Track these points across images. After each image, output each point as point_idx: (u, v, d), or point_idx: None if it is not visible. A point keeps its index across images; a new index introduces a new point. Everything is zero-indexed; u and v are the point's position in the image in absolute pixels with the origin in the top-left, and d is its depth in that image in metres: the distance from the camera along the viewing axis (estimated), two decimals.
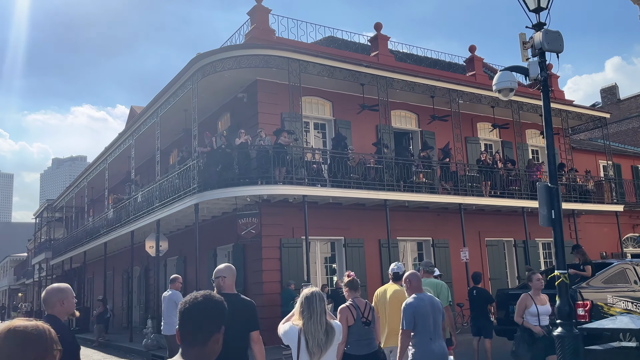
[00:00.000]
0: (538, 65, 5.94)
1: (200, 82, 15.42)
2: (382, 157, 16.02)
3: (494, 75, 21.68)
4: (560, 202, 6.14)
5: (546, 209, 6.05)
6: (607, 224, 23.35)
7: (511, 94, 6.54)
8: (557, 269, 6.09)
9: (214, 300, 2.13)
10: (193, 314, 2.07)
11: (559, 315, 5.89)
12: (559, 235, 6.10)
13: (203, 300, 2.10)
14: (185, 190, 15.30)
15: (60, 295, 3.84)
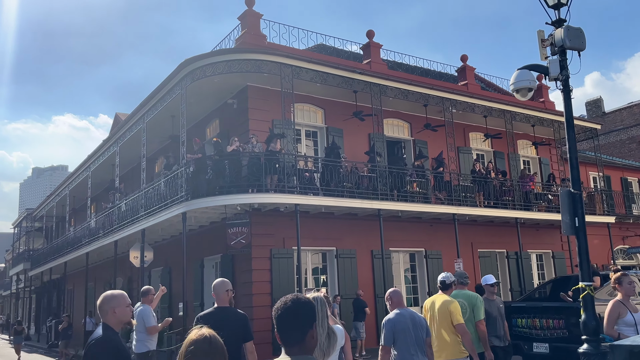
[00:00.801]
0: (559, 63, 5.62)
1: (188, 87, 14.96)
2: (376, 165, 15.65)
3: (486, 86, 21.59)
4: (584, 208, 5.77)
5: (569, 217, 5.69)
6: (597, 236, 23.18)
7: (529, 94, 6.21)
8: (582, 281, 5.72)
9: (302, 302, 2.35)
10: (287, 318, 2.31)
11: (585, 331, 5.51)
12: (583, 244, 5.74)
13: (292, 305, 2.33)
14: (172, 199, 14.76)
15: (112, 302, 3.71)
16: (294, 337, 2.30)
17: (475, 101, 18.38)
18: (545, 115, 20.51)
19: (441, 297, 6.33)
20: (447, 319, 5.95)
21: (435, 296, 6.48)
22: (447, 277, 6.50)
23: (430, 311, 6.32)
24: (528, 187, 19.15)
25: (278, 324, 2.33)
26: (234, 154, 13.80)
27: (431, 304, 6.39)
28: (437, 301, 6.30)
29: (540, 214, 19.36)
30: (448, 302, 6.12)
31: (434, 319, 6.21)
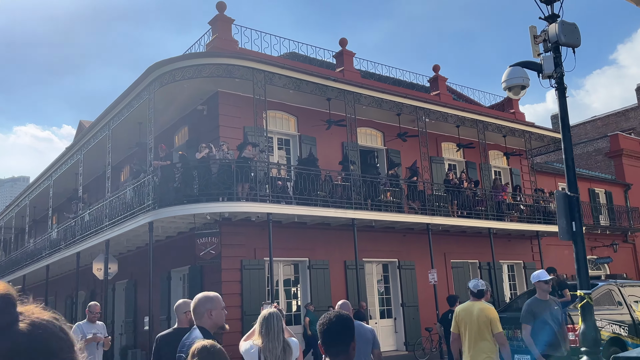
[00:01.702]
0: (553, 60, 5.40)
1: (157, 93, 14.43)
2: (350, 174, 15.36)
3: (457, 97, 21.60)
4: (582, 212, 5.54)
5: (565, 221, 5.44)
6: (567, 246, 23.32)
7: (522, 93, 5.96)
8: (581, 289, 5.46)
9: (344, 317, 2.60)
10: (333, 332, 2.54)
11: (584, 342, 5.23)
12: (580, 250, 5.50)
13: (336, 320, 2.57)
14: (139, 208, 14.15)
15: (208, 304, 3.63)
16: (340, 349, 2.56)
17: (448, 110, 18.33)
18: (517, 126, 20.63)
19: (478, 304, 6.08)
20: (487, 327, 5.80)
21: (468, 304, 6.21)
22: (478, 285, 6.22)
23: (464, 320, 6.07)
24: (500, 197, 19.14)
25: (324, 337, 2.60)
26: (203, 160, 13.31)
27: (466, 312, 6.12)
28: (473, 309, 6.05)
29: (513, 224, 19.37)
30: (487, 309, 5.95)
31: (470, 327, 5.97)
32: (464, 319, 6.05)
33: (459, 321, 6.10)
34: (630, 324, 9.11)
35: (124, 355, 17.71)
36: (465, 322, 6.02)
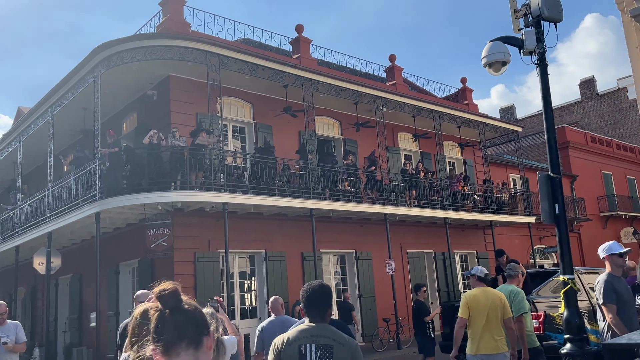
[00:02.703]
0: (535, 35, 5.18)
1: (103, 76, 13.60)
2: (308, 163, 14.98)
3: (412, 88, 21.52)
4: (563, 194, 5.35)
5: (547, 203, 5.24)
6: (517, 236, 23.87)
7: (503, 69, 5.73)
8: (564, 274, 5.28)
9: (324, 286, 3.13)
10: (314, 297, 3.07)
11: (567, 329, 5.05)
12: (564, 233, 5.34)
13: (319, 287, 3.11)
14: (84, 198, 13.31)
15: None
16: (319, 314, 3.00)
17: (405, 100, 18.21)
18: (472, 117, 20.77)
19: (489, 290, 6.05)
20: (497, 312, 5.80)
21: (477, 289, 6.13)
22: (481, 271, 6.24)
23: (476, 305, 6.00)
24: (456, 188, 19.23)
25: (307, 302, 3.04)
26: (153, 147, 12.62)
27: (476, 297, 6.05)
28: (485, 295, 6.00)
29: (469, 214, 19.51)
30: (499, 295, 5.95)
31: (482, 312, 5.90)
32: (474, 304, 5.99)
33: (469, 306, 6.02)
34: (590, 310, 9.13)
35: (68, 354, 16.79)
36: (475, 307, 5.97)
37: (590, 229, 28.26)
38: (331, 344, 2.94)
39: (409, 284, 18.96)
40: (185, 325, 1.61)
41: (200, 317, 1.66)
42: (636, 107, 41.00)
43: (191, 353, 1.59)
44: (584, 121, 41.27)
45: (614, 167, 32.00)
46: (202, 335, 1.63)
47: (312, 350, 2.92)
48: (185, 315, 1.62)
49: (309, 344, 2.95)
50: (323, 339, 2.95)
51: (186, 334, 1.60)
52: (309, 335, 2.97)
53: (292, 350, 2.95)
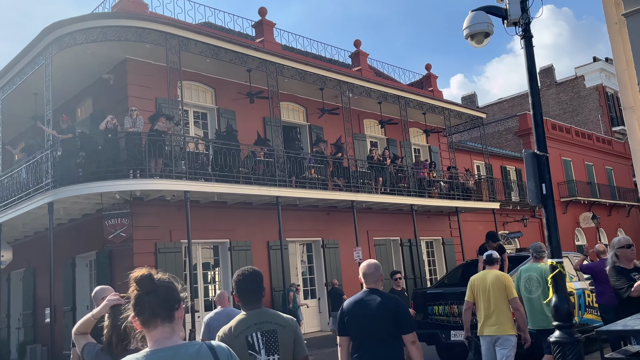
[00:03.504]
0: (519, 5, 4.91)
1: (55, 58, 12.80)
2: (273, 150, 14.55)
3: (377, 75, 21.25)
4: (550, 174, 5.12)
5: (534, 184, 5.00)
6: (482, 222, 24.02)
7: (486, 41, 5.44)
8: (552, 257, 5.06)
9: (257, 271, 3.29)
10: (247, 283, 3.20)
11: (557, 316, 4.85)
12: (551, 214, 5.11)
13: (252, 272, 3.27)
14: (35, 187, 12.56)
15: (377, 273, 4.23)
16: (253, 299, 3.11)
17: (371, 86, 17.93)
18: (438, 103, 20.69)
19: (492, 272, 6.21)
20: (503, 293, 5.93)
21: (483, 272, 6.34)
22: (493, 253, 6.47)
23: (480, 287, 6.17)
24: (422, 174, 19.13)
25: (240, 287, 3.14)
26: (111, 132, 11.97)
27: (481, 279, 6.23)
28: (488, 276, 6.16)
29: (435, 200, 19.45)
30: (502, 276, 6.09)
31: (486, 294, 6.05)
32: (479, 287, 6.12)
33: (474, 289, 6.18)
34: None
35: (22, 352, 15.99)
36: (480, 289, 6.08)
37: None
38: (274, 328, 3.06)
39: None
40: (159, 306, 1.95)
41: (172, 296, 2.00)
42: (593, 95, 41.97)
43: (166, 325, 1.96)
44: (543, 109, 41.83)
45: (573, 154, 32.63)
46: (174, 311, 1.99)
47: (259, 338, 3.01)
48: (159, 297, 1.96)
49: (254, 332, 3.03)
50: (266, 325, 3.06)
51: (160, 313, 1.95)
52: (253, 324, 3.05)
53: (240, 342, 2.99)
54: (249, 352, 3.00)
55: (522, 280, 6.92)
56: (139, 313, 1.97)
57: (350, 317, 4.04)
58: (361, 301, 4.07)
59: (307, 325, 16.66)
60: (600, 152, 35.24)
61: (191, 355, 1.92)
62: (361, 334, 3.98)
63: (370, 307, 3.98)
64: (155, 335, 1.95)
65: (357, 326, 3.99)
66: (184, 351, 1.92)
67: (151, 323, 1.95)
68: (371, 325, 3.93)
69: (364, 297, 4.09)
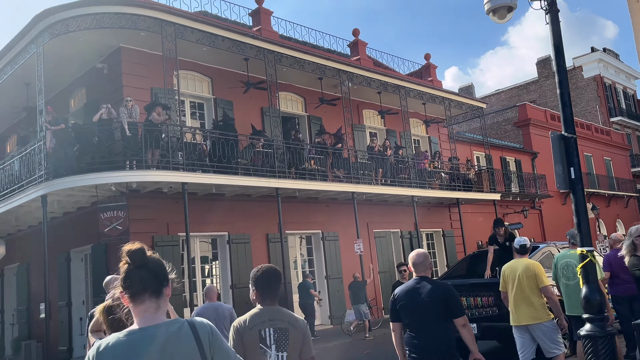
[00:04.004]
0: None
1: (47, 47, 12.40)
2: (272, 140, 14.22)
3: (377, 64, 20.89)
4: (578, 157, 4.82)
5: (562, 167, 4.70)
6: (482, 214, 23.81)
7: (509, 16, 5.13)
8: (582, 245, 4.77)
9: (275, 268, 3.37)
10: (265, 279, 3.28)
11: (587, 308, 4.58)
12: (580, 200, 4.84)
13: (269, 269, 3.33)
14: (28, 180, 12.20)
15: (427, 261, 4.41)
16: (272, 294, 3.26)
17: (371, 75, 17.60)
18: (438, 93, 20.37)
19: (523, 261, 6.16)
20: (533, 281, 5.87)
21: (514, 261, 6.26)
22: (525, 241, 6.39)
23: (511, 276, 6.11)
24: (423, 165, 18.85)
25: (259, 283, 3.27)
26: (104, 123, 11.61)
27: (511, 269, 6.17)
28: (519, 265, 6.09)
29: (436, 192, 19.19)
30: (532, 265, 6.02)
31: (518, 283, 5.99)
32: (510, 276, 6.04)
33: (506, 279, 6.11)
34: None
35: (17, 348, 15.67)
36: (511, 279, 6.01)
37: (550, 206, 28.58)
38: (287, 327, 3.17)
39: (376, 265, 18.56)
40: (148, 280, 1.97)
41: (161, 272, 2.04)
42: (591, 85, 41.75)
43: (154, 300, 1.97)
44: (541, 100, 41.77)
45: None
46: (162, 287, 2.01)
47: (271, 334, 3.12)
48: (149, 271, 1.99)
49: (267, 328, 3.15)
50: (279, 322, 3.17)
51: (149, 287, 1.97)
52: (267, 320, 3.17)
53: (254, 334, 3.13)
54: (260, 346, 3.13)
55: (559, 268, 6.83)
56: (128, 287, 1.99)
57: (403, 304, 4.29)
58: (413, 289, 4.31)
59: None
60: (599, 142, 35.04)
61: (172, 333, 1.94)
62: (414, 319, 4.24)
63: (422, 293, 4.23)
64: (141, 311, 1.97)
65: (410, 312, 4.25)
66: (166, 329, 1.94)
67: (139, 297, 1.97)
68: (423, 310, 4.18)
69: (415, 284, 4.33)
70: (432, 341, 4.13)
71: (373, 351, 12.06)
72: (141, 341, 1.90)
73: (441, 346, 4.12)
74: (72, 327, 14.28)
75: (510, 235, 9.51)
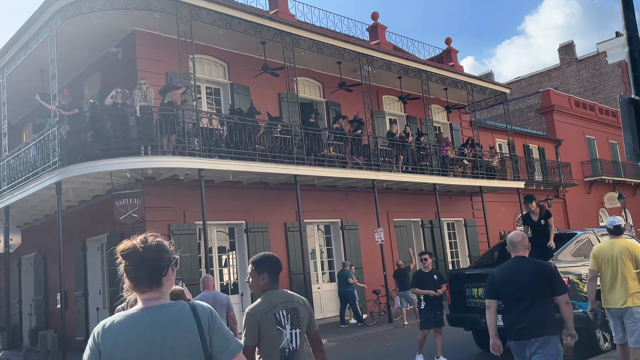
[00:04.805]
0: None
1: (60, 31, 12.09)
2: (290, 126, 13.79)
3: (397, 47, 20.27)
4: None
5: (631, 136, 4.19)
6: (504, 203, 23.21)
7: None
8: None
9: (274, 255, 3.56)
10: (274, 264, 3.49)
11: None
12: None
13: (273, 255, 3.54)
14: (43, 166, 11.94)
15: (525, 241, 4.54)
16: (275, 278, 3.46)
17: (392, 58, 17.05)
18: (461, 77, 19.75)
19: (620, 241, 5.90)
20: (632, 262, 5.66)
21: (607, 242, 6.01)
22: (620, 221, 6.05)
23: (604, 257, 5.85)
24: (445, 152, 18.29)
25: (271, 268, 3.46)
26: (117, 108, 11.27)
27: (608, 248, 5.87)
28: (614, 246, 5.83)
29: (459, 180, 18.63)
30: (632, 246, 5.78)
31: (612, 264, 5.74)
32: (605, 257, 5.79)
33: (599, 259, 5.85)
34: None
35: (34, 338, 15.53)
36: (606, 260, 5.76)
37: (574, 194, 27.82)
38: (296, 306, 3.43)
39: (396, 254, 18.12)
40: (146, 277, 2.07)
41: (159, 262, 2.09)
42: (616, 71, 40.58)
43: (155, 289, 2.09)
44: (563, 87, 40.76)
45: (597, 132, 31.54)
46: (161, 277, 2.10)
47: (284, 315, 3.36)
48: (145, 267, 2.07)
49: (281, 310, 3.37)
50: (290, 304, 3.42)
51: (146, 282, 2.08)
52: (279, 303, 3.39)
53: (270, 318, 3.32)
54: (277, 327, 3.34)
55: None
56: (129, 280, 2.09)
57: (502, 283, 4.48)
58: (512, 268, 4.48)
59: (325, 310, 16.03)
60: None
61: (174, 313, 2.03)
62: (515, 296, 4.37)
63: (522, 272, 4.38)
64: (144, 299, 2.08)
65: (510, 290, 4.40)
66: (167, 310, 2.03)
67: (140, 290, 2.07)
68: (526, 288, 4.32)
69: (514, 264, 4.50)
70: (532, 318, 4.26)
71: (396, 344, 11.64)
72: (144, 320, 1.99)
73: (542, 323, 4.24)
74: (89, 317, 14.08)
75: (546, 213, 8.82)
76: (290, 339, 3.36)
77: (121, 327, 1.98)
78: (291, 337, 3.37)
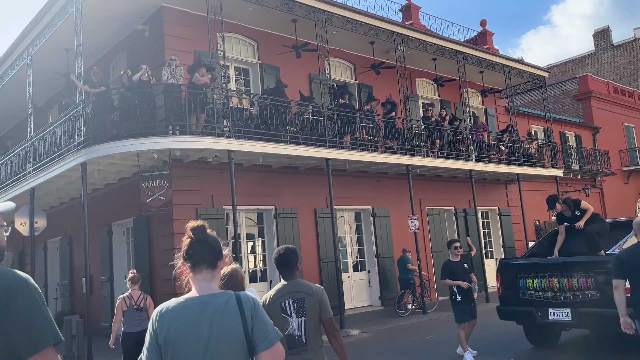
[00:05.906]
0: None
1: (86, 7, 11.66)
2: (322, 107, 13.18)
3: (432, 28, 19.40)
4: None
5: None
6: (539, 191, 22.29)
7: None
8: None
9: (292, 248, 3.79)
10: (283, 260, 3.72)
11: None
12: None
13: (287, 249, 3.76)
14: (68, 147, 11.56)
15: None
16: (291, 272, 3.69)
17: (427, 38, 16.28)
18: (498, 60, 18.88)
19: None
20: None
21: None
22: None
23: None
24: (481, 137, 17.51)
25: (279, 262, 3.72)
26: (145, 86, 10.80)
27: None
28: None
29: (497, 166, 17.85)
30: None
31: None
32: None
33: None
34: None
35: (59, 323, 15.29)
36: (634, 265, 4.92)
37: (612, 184, 26.74)
38: (303, 296, 3.61)
39: (428, 243, 17.47)
40: (207, 253, 2.25)
41: (218, 247, 2.31)
42: None
43: (210, 271, 2.24)
44: (598, 73, 39.29)
45: (636, 119, 30.27)
46: (218, 260, 2.28)
47: (290, 304, 3.60)
48: (208, 245, 2.27)
49: (287, 300, 3.61)
50: (297, 294, 3.62)
51: (207, 259, 2.24)
52: (286, 293, 3.62)
53: (276, 307, 3.57)
54: (282, 315, 3.59)
55: None
56: (189, 258, 2.24)
57: (632, 264, 4.75)
58: None
59: (355, 300, 15.50)
60: None
61: (221, 303, 2.16)
62: None
63: None
64: (199, 279, 2.22)
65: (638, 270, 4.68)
66: (215, 300, 2.17)
67: (198, 267, 2.22)
68: None
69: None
70: None
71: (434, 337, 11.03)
72: (195, 308, 2.13)
73: None
74: (114, 302, 13.74)
75: (574, 203, 8.09)
76: (297, 326, 3.59)
77: (175, 314, 2.13)
78: (297, 325, 3.60)
